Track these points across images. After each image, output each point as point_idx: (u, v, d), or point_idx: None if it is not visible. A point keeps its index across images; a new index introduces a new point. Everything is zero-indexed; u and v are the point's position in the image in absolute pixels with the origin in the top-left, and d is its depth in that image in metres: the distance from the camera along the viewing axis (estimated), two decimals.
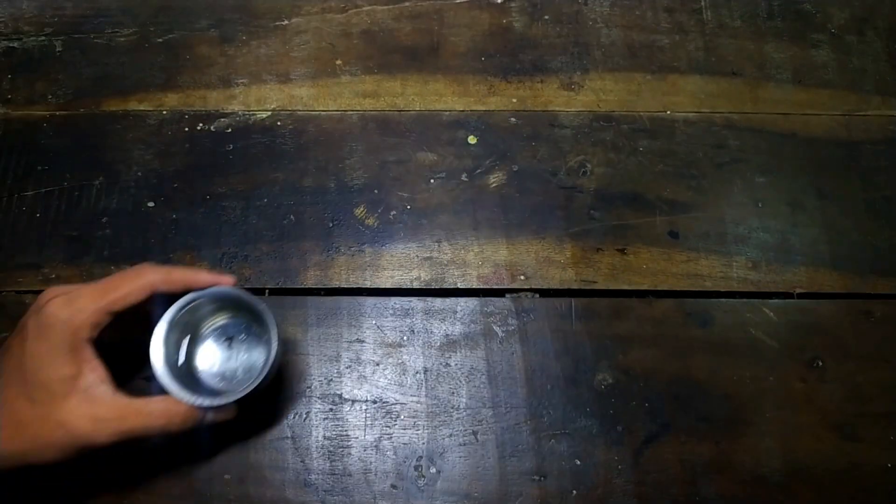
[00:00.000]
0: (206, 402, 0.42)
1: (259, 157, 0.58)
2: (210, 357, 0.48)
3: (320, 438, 0.50)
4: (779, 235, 0.56)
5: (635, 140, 0.59)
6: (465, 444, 0.50)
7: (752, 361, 0.52)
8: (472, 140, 0.58)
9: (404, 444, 0.50)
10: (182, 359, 0.46)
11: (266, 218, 0.56)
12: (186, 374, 0.46)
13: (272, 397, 0.51)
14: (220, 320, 0.48)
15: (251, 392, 0.43)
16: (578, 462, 0.50)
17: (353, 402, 0.51)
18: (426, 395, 0.51)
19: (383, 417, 0.51)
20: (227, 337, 0.48)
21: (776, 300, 0.54)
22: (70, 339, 0.40)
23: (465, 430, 0.50)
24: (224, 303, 0.47)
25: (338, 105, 0.60)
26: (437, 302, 0.54)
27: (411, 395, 0.51)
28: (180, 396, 0.42)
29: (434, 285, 0.54)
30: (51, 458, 0.40)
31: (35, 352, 0.40)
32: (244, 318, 0.48)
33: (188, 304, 0.44)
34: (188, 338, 0.47)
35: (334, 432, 0.50)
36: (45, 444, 0.40)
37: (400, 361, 0.52)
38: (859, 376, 0.52)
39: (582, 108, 0.60)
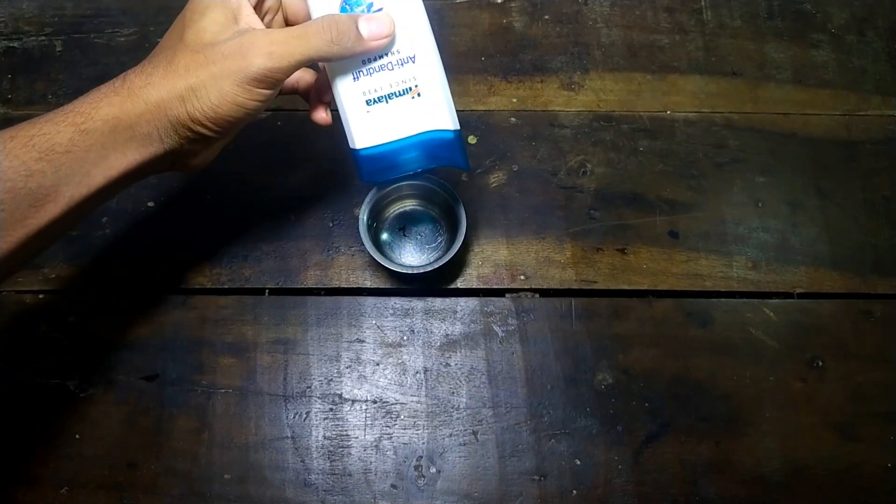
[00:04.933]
0: (410, 270, 0.48)
1: (259, 157, 0.58)
2: (389, 243, 0.54)
3: (320, 438, 0.50)
4: (779, 235, 0.56)
5: (635, 140, 0.59)
6: (465, 444, 0.50)
7: (752, 361, 0.52)
8: (472, 140, 0.58)
9: (404, 444, 0.50)
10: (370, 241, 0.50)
11: (266, 218, 0.56)
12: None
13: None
14: (400, 209, 0.54)
15: (439, 267, 0.48)
16: (578, 462, 0.49)
17: (353, 402, 0.51)
18: (426, 395, 0.51)
19: (383, 417, 0.51)
20: (401, 227, 0.54)
21: (776, 300, 0.54)
22: None
23: (465, 430, 0.50)
24: (411, 191, 0.53)
25: None
26: (437, 302, 0.54)
27: (411, 395, 0.51)
28: (390, 266, 0.48)
29: (434, 285, 0.54)
30: None
31: None
32: (424, 206, 0.54)
33: (381, 190, 0.49)
34: (375, 225, 0.52)
35: (334, 432, 0.50)
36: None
37: (400, 361, 0.52)
38: (859, 376, 0.52)
39: (582, 108, 0.60)
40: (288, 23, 0.42)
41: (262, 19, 0.40)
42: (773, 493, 0.49)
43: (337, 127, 0.42)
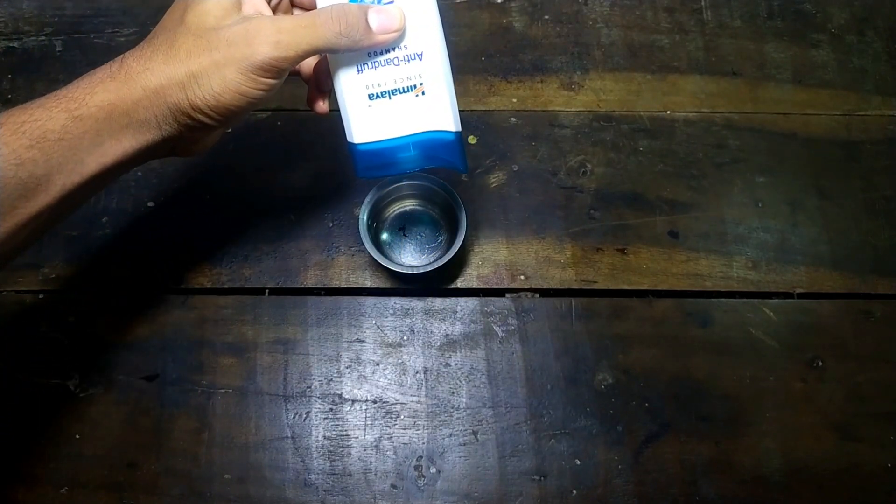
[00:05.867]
0: (410, 270, 0.48)
1: (259, 157, 0.58)
2: (389, 243, 0.54)
3: (320, 438, 0.50)
4: (779, 235, 0.56)
5: (635, 140, 0.59)
6: (465, 444, 0.50)
7: (752, 361, 0.52)
8: (472, 140, 0.58)
9: (404, 444, 0.50)
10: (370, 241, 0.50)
11: (266, 218, 0.56)
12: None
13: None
14: (400, 209, 0.54)
15: (439, 267, 0.48)
16: (578, 462, 0.50)
17: (353, 402, 0.51)
18: (426, 395, 0.51)
19: (383, 417, 0.51)
20: (401, 227, 0.54)
21: (776, 300, 0.54)
22: None
23: (465, 430, 0.50)
24: (411, 191, 0.53)
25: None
26: (437, 302, 0.54)
27: (411, 395, 0.51)
28: (390, 266, 0.48)
29: (434, 285, 0.54)
30: None
31: None
32: (424, 206, 0.54)
33: (381, 190, 0.50)
34: (375, 225, 0.52)
35: (334, 432, 0.50)
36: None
37: (400, 361, 0.52)
38: (859, 376, 0.52)
39: (582, 108, 0.60)
40: (294, 4, 0.41)
41: (269, 2, 0.39)
42: (773, 493, 0.49)
43: (338, 126, 0.42)
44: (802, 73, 0.61)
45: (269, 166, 0.58)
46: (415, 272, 0.48)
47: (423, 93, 0.40)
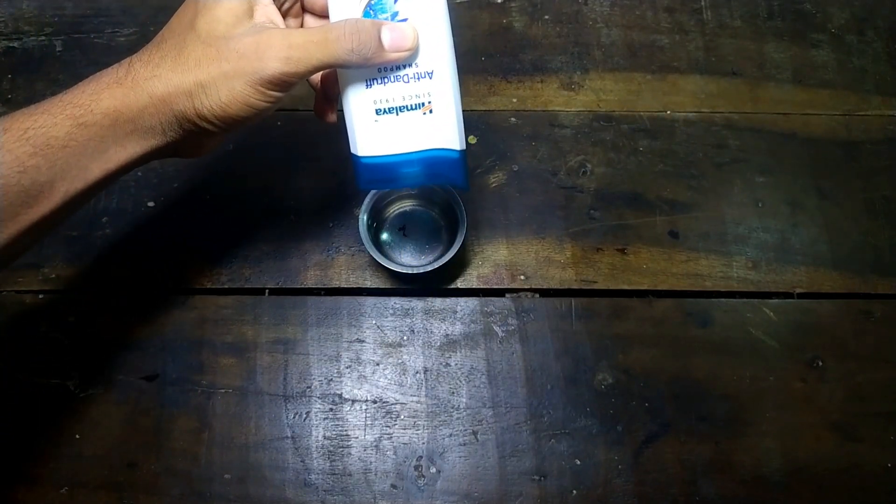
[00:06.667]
0: (410, 270, 0.49)
1: (259, 157, 0.58)
2: (389, 243, 0.54)
3: (320, 438, 0.50)
4: (779, 235, 0.56)
5: (635, 140, 0.59)
6: (465, 444, 0.50)
7: (752, 361, 0.52)
8: (472, 140, 0.58)
9: (404, 444, 0.50)
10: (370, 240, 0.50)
11: (266, 217, 0.56)
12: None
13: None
14: (400, 209, 0.55)
15: (440, 266, 0.49)
16: (578, 462, 0.50)
17: (353, 402, 0.51)
18: (426, 395, 0.51)
19: (383, 417, 0.51)
20: (401, 227, 0.54)
21: (776, 300, 0.54)
22: None
23: (465, 430, 0.50)
24: (411, 191, 0.53)
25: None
26: (437, 302, 0.54)
27: (411, 395, 0.51)
28: (390, 266, 0.48)
29: (434, 285, 0.54)
30: None
31: None
32: (424, 206, 0.55)
33: (382, 190, 0.50)
34: (375, 225, 0.53)
35: (334, 432, 0.50)
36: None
37: (400, 361, 0.52)
38: (859, 376, 0.52)
39: (582, 108, 0.60)
40: (304, 8, 0.41)
41: (280, 7, 0.39)
42: (773, 493, 0.49)
43: (338, 128, 0.42)
44: (802, 73, 0.61)
45: (269, 166, 0.58)
46: (415, 272, 0.48)
47: (430, 111, 0.39)
